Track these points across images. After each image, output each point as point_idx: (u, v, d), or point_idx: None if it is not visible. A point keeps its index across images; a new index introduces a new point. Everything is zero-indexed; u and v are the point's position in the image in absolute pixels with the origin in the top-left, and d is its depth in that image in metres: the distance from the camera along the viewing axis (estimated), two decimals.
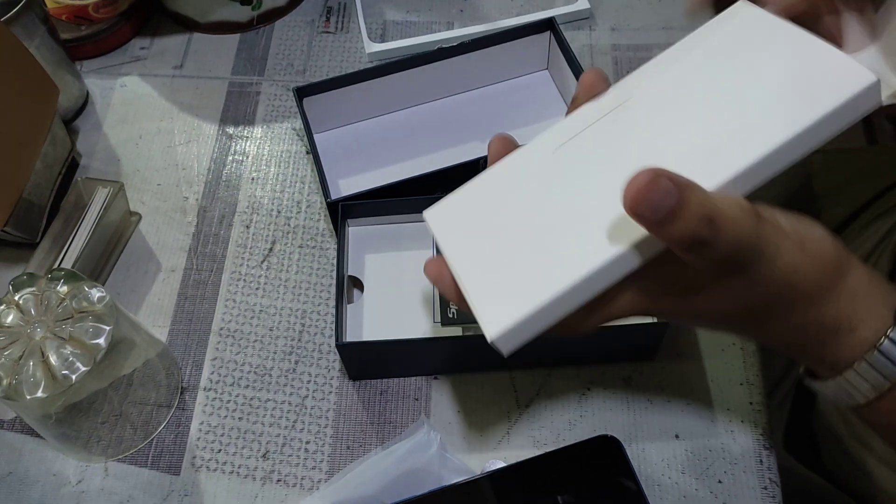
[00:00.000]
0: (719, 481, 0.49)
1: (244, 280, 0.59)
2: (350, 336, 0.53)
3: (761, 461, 0.50)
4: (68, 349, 0.45)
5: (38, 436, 0.53)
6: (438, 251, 0.39)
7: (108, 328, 0.46)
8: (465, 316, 0.49)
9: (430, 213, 0.42)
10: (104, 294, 0.47)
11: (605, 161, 0.37)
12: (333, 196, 0.56)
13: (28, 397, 0.44)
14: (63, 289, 0.47)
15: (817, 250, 0.35)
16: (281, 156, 0.65)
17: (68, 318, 0.46)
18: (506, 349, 0.36)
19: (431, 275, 0.39)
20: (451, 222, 0.41)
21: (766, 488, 0.49)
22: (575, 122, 0.40)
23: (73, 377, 0.44)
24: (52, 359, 0.45)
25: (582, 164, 0.38)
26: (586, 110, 0.40)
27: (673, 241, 0.31)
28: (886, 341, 0.35)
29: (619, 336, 0.50)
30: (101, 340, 0.46)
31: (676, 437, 0.51)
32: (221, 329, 0.57)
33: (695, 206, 0.30)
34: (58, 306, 0.46)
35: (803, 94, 0.35)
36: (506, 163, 0.41)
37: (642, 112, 0.38)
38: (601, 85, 0.40)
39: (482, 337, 0.38)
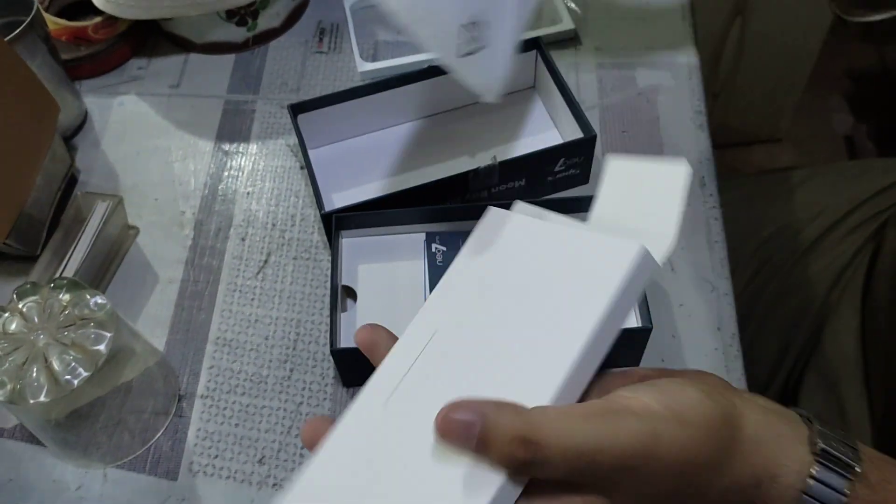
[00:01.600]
0: None
1: (240, 291, 0.60)
2: (344, 343, 0.54)
3: None
4: (71, 355, 0.46)
5: (38, 443, 0.54)
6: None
7: (109, 334, 0.47)
8: None
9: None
10: (105, 301, 0.48)
11: (432, 407, 0.32)
12: (327, 209, 0.58)
13: (31, 402, 0.45)
14: (65, 297, 0.48)
15: (699, 417, 0.32)
16: (275, 171, 0.67)
17: (70, 325, 0.47)
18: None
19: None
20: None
21: None
22: (393, 369, 0.39)
23: (75, 382, 0.46)
24: (55, 364, 0.46)
25: (413, 415, 0.36)
26: (399, 351, 0.39)
27: (499, 467, 0.30)
28: (813, 483, 0.33)
29: None
30: (103, 347, 0.47)
31: None
32: (218, 338, 0.58)
33: (503, 427, 0.29)
34: (60, 314, 0.48)
35: (586, 287, 0.35)
36: (343, 427, 0.37)
37: (451, 347, 0.38)
38: (380, 339, 0.40)
39: None
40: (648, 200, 0.39)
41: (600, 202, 0.41)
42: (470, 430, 0.29)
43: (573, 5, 0.76)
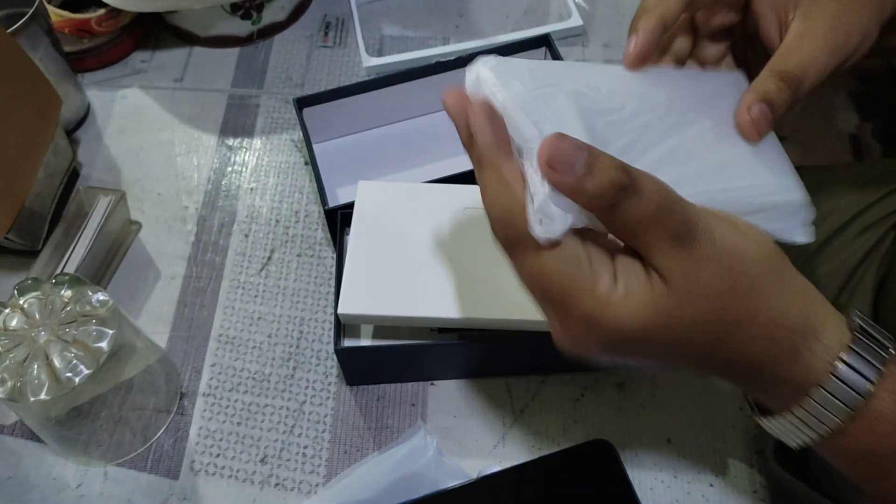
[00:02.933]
0: (710, 485, 0.50)
1: (243, 288, 0.60)
2: (348, 342, 0.54)
3: (752, 465, 0.50)
4: (72, 352, 0.46)
5: (37, 440, 0.53)
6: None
7: (111, 331, 0.47)
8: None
9: (364, 185, 0.53)
10: (107, 298, 0.48)
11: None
12: (331, 204, 0.57)
13: (31, 399, 0.45)
14: (67, 293, 0.48)
15: (752, 232, 0.34)
16: (280, 166, 0.66)
17: (72, 322, 0.47)
18: (343, 320, 0.50)
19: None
20: (374, 211, 0.53)
21: (756, 492, 0.50)
22: None
23: (77, 379, 0.45)
24: (56, 361, 0.45)
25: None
26: None
27: (595, 196, 0.31)
28: (846, 358, 0.33)
29: None
30: (104, 344, 0.46)
31: (668, 441, 0.52)
32: (220, 336, 0.58)
33: (607, 157, 0.31)
34: (62, 310, 0.47)
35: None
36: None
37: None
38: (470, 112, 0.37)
39: (478, 343, 0.51)
40: None
41: None
42: (578, 153, 0.31)
43: (581, 1, 0.75)
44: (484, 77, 0.34)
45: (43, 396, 0.45)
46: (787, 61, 0.39)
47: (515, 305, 0.49)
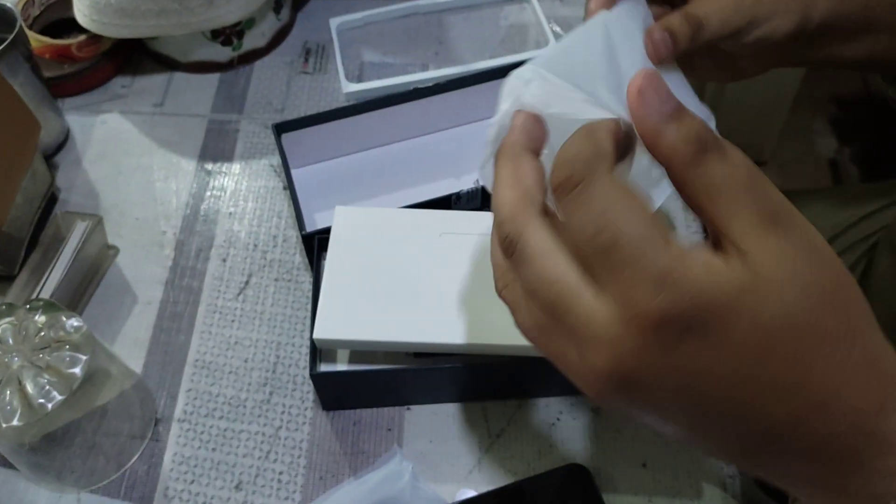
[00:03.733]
0: None
1: (220, 312, 0.60)
2: (324, 367, 0.54)
3: (726, 488, 0.51)
4: (45, 378, 0.45)
5: (10, 467, 0.53)
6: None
7: (84, 357, 0.47)
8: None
9: (341, 210, 0.54)
10: (81, 324, 0.48)
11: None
12: (309, 229, 0.57)
13: (3, 425, 0.44)
14: (41, 318, 0.48)
15: (829, 257, 0.27)
16: (258, 191, 0.66)
17: (45, 348, 0.47)
18: (319, 345, 0.51)
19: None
20: (351, 236, 0.53)
21: None
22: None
23: (49, 406, 0.45)
24: (29, 387, 0.45)
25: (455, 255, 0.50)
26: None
27: (679, 142, 0.27)
28: None
29: None
30: (78, 370, 0.46)
31: (644, 465, 0.52)
32: (197, 361, 0.58)
33: (694, 114, 0.28)
34: (35, 336, 0.47)
35: None
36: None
37: None
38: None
39: (455, 368, 0.52)
40: None
41: None
42: (670, 97, 0.28)
43: (558, 28, 0.76)
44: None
45: (15, 423, 0.45)
46: (695, 7, 0.42)
47: (492, 330, 0.49)
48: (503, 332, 0.48)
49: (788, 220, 0.27)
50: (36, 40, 0.69)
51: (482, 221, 0.54)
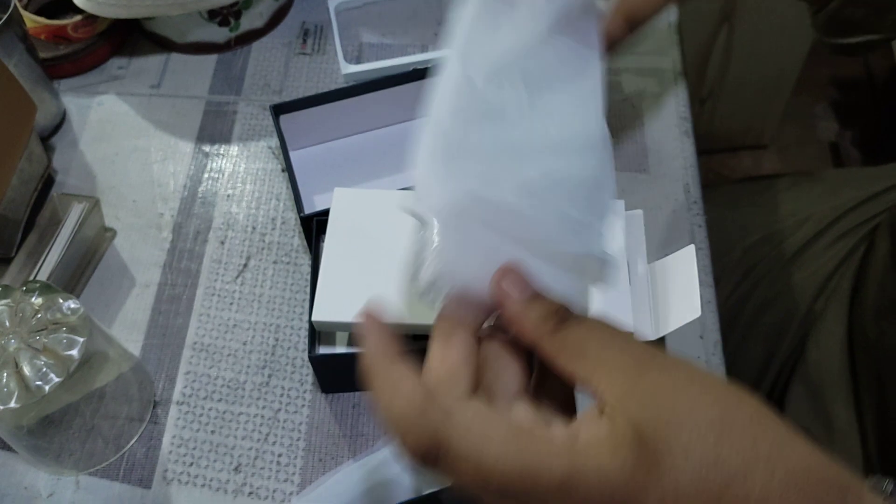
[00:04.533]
0: None
1: (218, 295, 0.60)
2: (322, 350, 0.53)
3: None
4: (42, 360, 0.45)
5: (9, 449, 0.53)
6: None
7: (81, 339, 0.46)
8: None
9: (340, 192, 0.53)
10: (78, 306, 0.47)
11: None
12: (308, 212, 0.57)
13: (1, 408, 0.44)
14: (37, 300, 0.47)
15: (711, 384, 0.28)
16: (256, 174, 0.66)
17: (42, 330, 0.46)
18: (318, 327, 0.51)
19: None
20: (349, 218, 0.52)
21: None
22: None
23: (47, 388, 0.45)
24: (26, 369, 0.45)
25: None
26: None
27: (542, 315, 0.30)
28: None
29: None
30: (75, 352, 0.46)
31: None
32: (195, 343, 0.57)
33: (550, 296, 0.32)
34: (32, 318, 0.47)
35: None
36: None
37: None
38: None
39: None
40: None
41: None
42: (528, 282, 0.32)
43: None
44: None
45: (12, 405, 0.44)
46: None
47: None
48: None
49: (657, 362, 0.28)
50: (31, 21, 0.69)
51: None
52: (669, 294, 0.50)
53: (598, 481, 0.26)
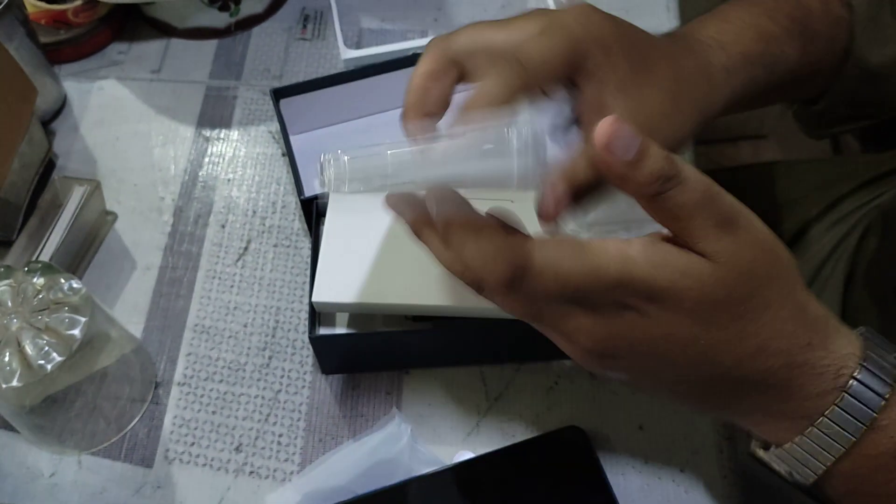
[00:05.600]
0: (681, 470, 0.51)
1: (219, 278, 0.60)
2: (323, 331, 0.54)
3: (721, 451, 0.51)
4: (44, 339, 0.46)
5: (10, 429, 0.53)
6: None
7: (83, 319, 0.47)
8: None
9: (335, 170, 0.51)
10: (80, 286, 0.48)
11: None
12: (307, 195, 0.57)
13: (3, 386, 0.44)
14: (39, 281, 0.48)
15: (768, 241, 0.35)
16: (257, 158, 0.66)
17: (44, 309, 0.47)
18: (318, 308, 0.51)
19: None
20: (349, 199, 0.53)
21: (725, 477, 0.50)
22: None
23: (49, 367, 0.45)
24: (28, 349, 0.45)
25: None
26: None
27: (644, 184, 0.32)
28: (868, 356, 0.35)
29: None
30: (77, 331, 0.46)
31: (640, 428, 0.52)
32: (196, 325, 0.58)
33: (656, 147, 0.32)
34: (34, 298, 0.47)
35: None
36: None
37: None
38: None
39: (453, 331, 0.52)
40: None
41: None
42: (633, 139, 0.32)
43: None
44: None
45: (15, 384, 0.45)
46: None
47: None
48: None
49: (737, 222, 0.33)
50: (31, 5, 0.69)
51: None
52: None
53: (649, 267, 0.32)
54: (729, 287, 0.33)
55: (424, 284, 0.50)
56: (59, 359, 0.45)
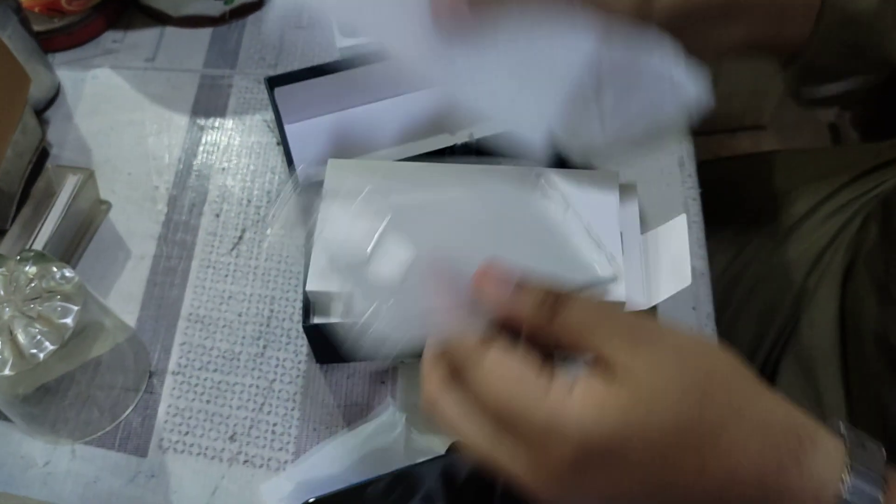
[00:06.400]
0: None
1: (214, 267, 0.60)
2: (317, 320, 0.54)
3: None
4: (36, 328, 0.45)
5: (4, 418, 0.53)
6: None
7: (76, 308, 0.46)
8: None
9: (334, 162, 0.53)
10: (72, 274, 0.47)
11: None
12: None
13: None
14: (32, 269, 0.47)
15: (697, 349, 0.31)
16: (252, 147, 0.66)
17: (37, 298, 0.46)
18: (312, 297, 0.50)
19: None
20: (341, 195, 0.50)
21: None
22: None
23: (41, 355, 0.45)
24: (20, 337, 0.45)
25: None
26: None
27: (535, 306, 0.31)
28: (852, 465, 0.30)
29: None
30: (69, 320, 0.46)
31: None
32: (190, 315, 0.58)
33: (533, 280, 0.32)
34: (26, 286, 0.47)
35: None
36: None
37: None
38: None
39: None
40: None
41: None
42: (510, 276, 0.33)
43: None
44: None
45: (7, 372, 0.45)
46: None
47: None
48: None
49: (650, 330, 0.30)
50: None
51: (476, 174, 0.53)
52: (661, 264, 0.50)
53: (580, 431, 0.28)
54: (667, 415, 0.29)
55: None
56: (51, 347, 0.45)
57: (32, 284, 0.47)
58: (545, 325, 0.31)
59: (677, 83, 0.40)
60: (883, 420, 0.64)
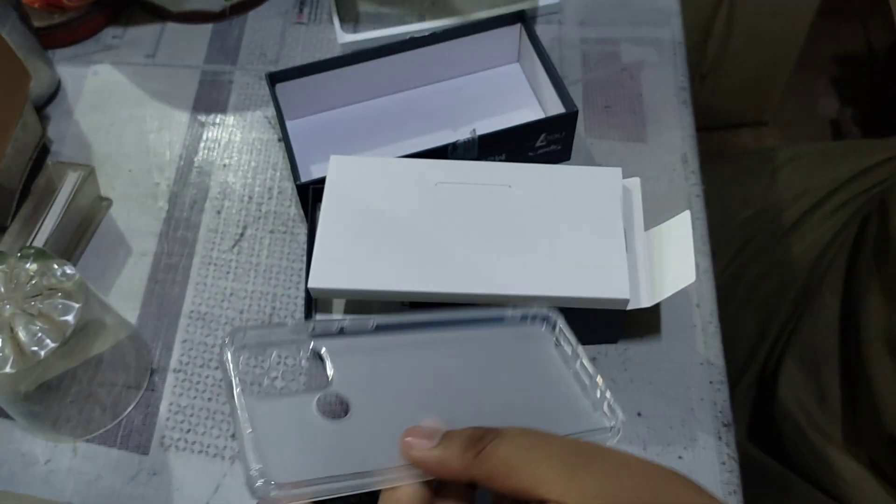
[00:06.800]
0: (679, 457, 0.50)
1: (215, 264, 0.59)
2: (319, 318, 0.53)
3: (720, 437, 0.51)
4: (37, 325, 0.45)
5: (5, 416, 0.53)
6: None
7: (77, 305, 0.46)
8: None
9: (336, 159, 0.53)
10: (73, 272, 0.47)
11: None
12: (304, 180, 0.57)
13: None
14: (32, 266, 0.47)
15: (638, 468, 0.29)
16: (253, 143, 0.66)
17: (38, 295, 0.46)
18: (314, 294, 0.50)
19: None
20: (346, 185, 0.52)
21: (724, 463, 0.50)
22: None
23: (42, 353, 0.45)
24: (21, 335, 0.45)
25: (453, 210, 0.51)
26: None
27: (462, 451, 0.31)
28: None
29: (585, 320, 0.51)
30: (71, 317, 0.46)
31: (639, 414, 0.52)
32: (192, 312, 0.57)
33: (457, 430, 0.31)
34: (27, 283, 0.47)
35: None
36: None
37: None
38: None
39: None
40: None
41: None
42: (434, 431, 0.32)
43: None
44: None
45: (8, 370, 0.44)
46: None
47: (487, 279, 0.49)
48: (498, 281, 0.48)
49: (589, 451, 0.29)
50: None
51: (478, 171, 0.53)
52: (665, 260, 0.49)
53: None
54: None
55: (421, 271, 0.49)
56: (52, 345, 0.45)
57: (33, 282, 0.47)
58: (474, 465, 0.30)
59: None
60: (883, 418, 0.64)
